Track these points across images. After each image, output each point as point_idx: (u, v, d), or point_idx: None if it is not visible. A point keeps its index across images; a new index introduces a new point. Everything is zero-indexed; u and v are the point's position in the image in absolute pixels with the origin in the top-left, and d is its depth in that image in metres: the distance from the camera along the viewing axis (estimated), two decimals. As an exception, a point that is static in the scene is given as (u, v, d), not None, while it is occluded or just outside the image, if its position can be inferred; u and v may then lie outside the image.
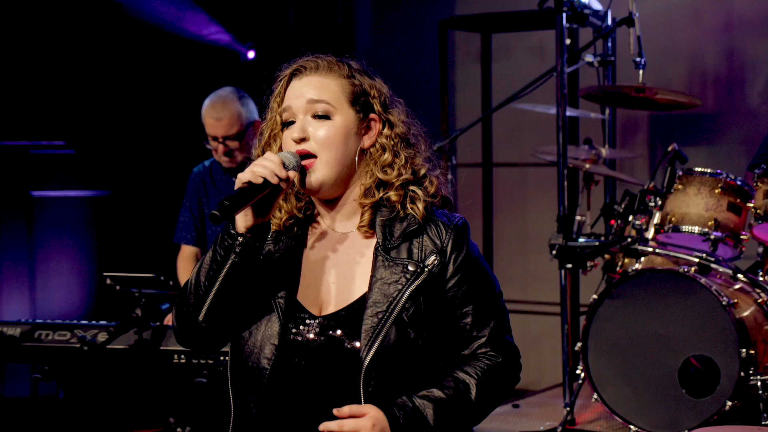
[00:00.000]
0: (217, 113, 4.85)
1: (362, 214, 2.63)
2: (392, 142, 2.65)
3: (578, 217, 5.33)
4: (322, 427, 2.45)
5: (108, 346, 4.18)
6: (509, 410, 5.34)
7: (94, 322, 4.38)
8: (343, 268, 2.62)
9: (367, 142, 2.65)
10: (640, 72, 5.13)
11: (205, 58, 6.77)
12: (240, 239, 2.49)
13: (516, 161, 6.98)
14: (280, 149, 2.64)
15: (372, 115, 2.66)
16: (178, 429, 4.19)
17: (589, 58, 5.54)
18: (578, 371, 4.81)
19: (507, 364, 2.67)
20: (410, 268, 2.56)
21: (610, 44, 5.65)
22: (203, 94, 5.07)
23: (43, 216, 6.75)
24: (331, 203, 2.65)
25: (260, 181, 2.45)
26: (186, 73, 6.73)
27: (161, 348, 4.20)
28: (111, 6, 6.66)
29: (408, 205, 2.62)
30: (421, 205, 2.62)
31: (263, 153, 2.64)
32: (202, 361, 4.13)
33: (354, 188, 2.64)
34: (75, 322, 4.38)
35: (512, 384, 2.70)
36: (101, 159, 6.82)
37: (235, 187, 2.47)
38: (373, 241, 2.62)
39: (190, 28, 6.80)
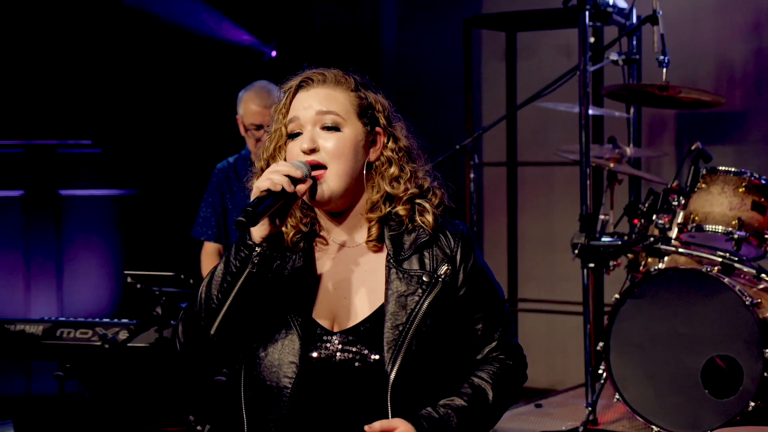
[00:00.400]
0: (265, 101, 4.88)
1: (369, 229, 2.63)
2: (397, 156, 2.66)
3: (602, 217, 5.31)
4: None
5: (129, 344, 4.20)
6: (532, 410, 5.33)
7: (116, 320, 4.40)
8: (354, 282, 2.62)
9: (372, 155, 2.65)
10: (664, 70, 5.10)
11: (229, 58, 6.79)
12: (258, 249, 2.47)
13: (543, 160, 6.95)
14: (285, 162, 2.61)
15: (377, 129, 2.67)
16: (198, 427, 4.21)
17: (613, 56, 5.51)
18: (600, 371, 4.79)
19: (517, 365, 2.71)
20: (425, 279, 2.58)
21: (635, 42, 5.61)
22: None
23: (70, 214, 6.80)
24: (338, 217, 2.65)
25: (279, 188, 2.44)
26: (211, 73, 6.76)
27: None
28: (135, 8, 6.70)
29: (417, 218, 2.64)
30: (430, 217, 2.64)
31: (267, 165, 2.63)
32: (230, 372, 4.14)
33: (360, 202, 2.64)
34: (97, 320, 4.40)
35: (522, 383, 2.74)
36: (128, 158, 6.87)
37: (253, 196, 2.45)
38: (382, 255, 2.63)
39: (215, 29, 6.82)
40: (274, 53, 6.85)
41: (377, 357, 2.52)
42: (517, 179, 7.06)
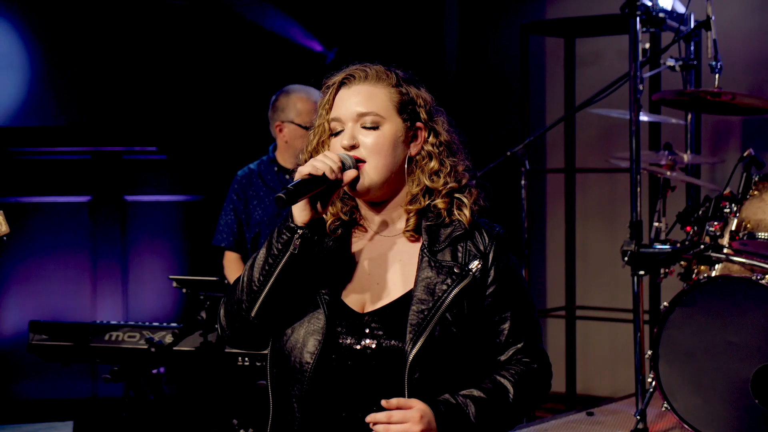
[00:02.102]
0: (314, 97, 4.92)
1: (407, 219, 2.71)
2: (437, 150, 2.72)
3: (656, 224, 5.26)
4: (369, 418, 2.49)
5: (174, 348, 4.26)
6: (583, 418, 5.29)
7: (164, 324, 4.47)
8: (387, 267, 2.70)
9: (413, 149, 2.72)
10: (716, 76, 5.04)
11: (292, 63, 6.84)
12: (299, 232, 2.56)
13: (605, 167, 6.90)
14: None
15: (418, 124, 2.73)
16: (241, 431, 4.26)
17: (670, 62, 5.46)
18: (649, 379, 4.75)
19: (542, 370, 2.73)
20: (455, 270, 2.63)
21: (692, 48, 5.55)
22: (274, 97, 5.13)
23: (136, 220, 6.91)
24: (377, 207, 2.72)
25: (321, 173, 2.53)
26: (275, 79, 6.81)
27: (226, 351, 4.27)
28: (199, 13, 6.79)
29: (455, 211, 2.70)
30: (467, 212, 2.69)
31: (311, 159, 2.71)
32: (266, 364, 4.18)
33: (401, 194, 2.72)
34: (146, 323, 4.47)
35: (546, 390, 2.75)
36: (192, 164, 6.96)
37: (296, 179, 2.55)
38: (417, 245, 2.69)
39: (280, 34, 6.88)
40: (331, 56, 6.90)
41: (400, 339, 2.57)
42: (575, 186, 7.02)
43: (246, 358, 4.24)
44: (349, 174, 2.59)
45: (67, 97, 6.86)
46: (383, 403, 2.48)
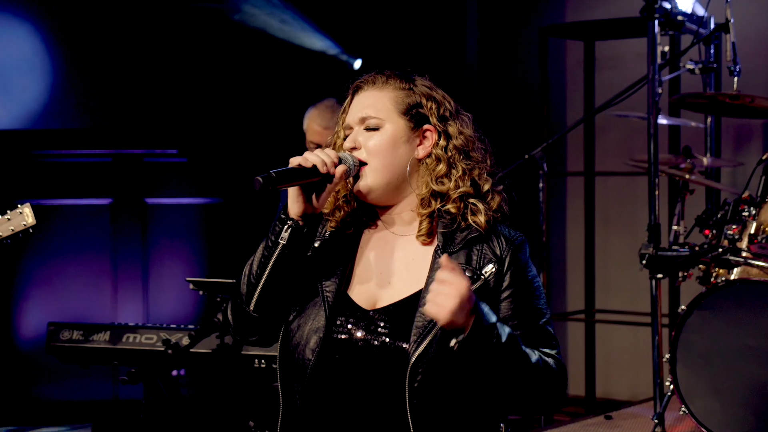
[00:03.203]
0: (327, 122, 4.90)
1: (420, 223, 2.68)
2: (448, 154, 2.69)
3: (675, 227, 5.25)
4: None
5: (191, 350, 4.27)
6: (601, 421, 5.28)
7: (182, 326, 4.48)
8: (398, 267, 2.67)
9: (421, 152, 2.70)
10: (735, 79, 5.02)
11: (315, 68, 6.86)
12: (289, 223, 2.57)
13: (625, 170, 6.88)
14: None
15: (427, 126, 2.71)
16: (257, 432, 4.27)
17: (690, 65, 5.44)
18: (667, 383, 4.73)
19: (558, 367, 2.57)
20: (467, 273, 2.57)
21: (712, 51, 5.53)
22: (313, 103, 5.15)
23: (156, 222, 6.94)
24: (387, 209, 2.72)
25: (310, 165, 2.56)
26: (296, 83, 6.83)
27: (242, 353, 4.27)
28: (221, 17, 6.81)
29: (469, 217, 2.66)
30: (482, 218, 2.65)
31: None
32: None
33: (410, 197, 2.70)
34: (164, 325, 4.48)
35: (557, 389, 2.57)
36: (213, 167, 6.99)
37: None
38: (431, 247, 2.66)
39: (301, 38, 6.89)
40: (357, 64, 6.89)
41: (404, 338, 2.54)
42: (594, 189, 7.01)
43: (262, 360, 4.24)
44: (340, 169, 2.59)
45: (88, 101, 6.89)
46: (442, 259, 2.39)
